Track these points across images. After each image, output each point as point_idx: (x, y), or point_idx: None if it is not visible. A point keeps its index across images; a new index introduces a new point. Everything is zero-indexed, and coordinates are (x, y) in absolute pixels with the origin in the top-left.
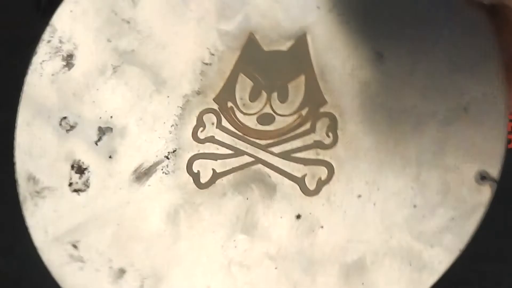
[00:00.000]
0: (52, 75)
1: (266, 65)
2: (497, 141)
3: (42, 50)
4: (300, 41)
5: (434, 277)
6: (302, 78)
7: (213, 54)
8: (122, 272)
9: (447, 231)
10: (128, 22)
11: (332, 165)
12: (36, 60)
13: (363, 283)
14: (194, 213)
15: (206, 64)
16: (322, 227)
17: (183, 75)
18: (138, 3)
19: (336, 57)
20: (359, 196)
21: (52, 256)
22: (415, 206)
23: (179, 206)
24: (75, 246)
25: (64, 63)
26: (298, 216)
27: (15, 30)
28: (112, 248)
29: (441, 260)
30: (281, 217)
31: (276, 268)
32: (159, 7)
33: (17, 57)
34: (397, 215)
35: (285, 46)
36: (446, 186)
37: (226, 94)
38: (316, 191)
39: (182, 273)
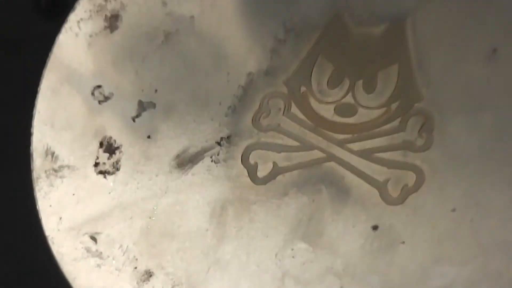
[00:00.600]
0: (90, 36)
1: (352, 48)
2: None
3: (82, 7)
4: (398, 25)
5: None
6: (395, 67)
7: (289, 30)
8: (149, 274)
9: None
10: None
11: (423, 171)
12: (73, 17)
13: None
14: (245, 212)
15: (280, 40)
16: (403, 242)
17: (250, 51)
18: None
19: (440, 47)
20: (453, 210)
21: (65, 248)
22: None
23: (227, 202)
24: (94, 239)
25: (107, 24)
26: (375, 227)
27: (15, 30)
28: (140, 245)
29: None
30: (353, 227)
31: (341, 287)
32: None
33: (17, 57)
34: (497, 236)
35: (378, 28)
36: None
37: (300, 77)
38: (400, 200)
39: (223, 282)
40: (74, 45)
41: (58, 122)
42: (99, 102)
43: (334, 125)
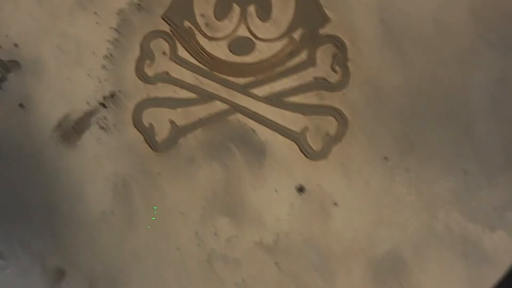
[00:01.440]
0: None
1: None
2: None
3: None
4: None
5: (497, 275)
6: None
7: None
8: (61, 273)
9: None
10: None
11: (343, 114)
12: None
13: (400, 286)
14: (151, 187)
15: None
16: (336, 204)
17: None
18: None
19: None
20: (386, 159)
21: None
22: (466, 172)
23: (128, 177)
24: None
25: None
26: (301, 189)
27: None
28: (43, 240)
29: (507, 248)
30: (276, 190)
31: (276, 264)
32: None
33: None
34: (441, 185)
35: None
36: (510, 141)
37: (181, 9)
38: (324, 153)
39: (145, 274)
40: None
41: None
42: None
43: (231, 66)
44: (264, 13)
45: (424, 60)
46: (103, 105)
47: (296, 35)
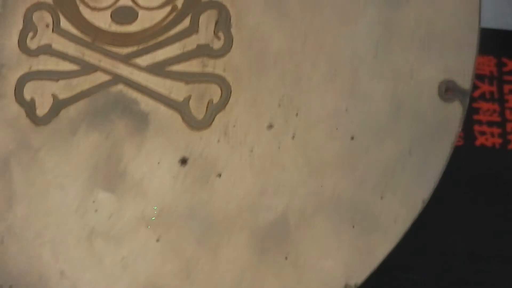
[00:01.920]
0: None
1: None
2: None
3: None
4: None
5: (388, 245)
6: None
7: None
8: None
9: (403, 172)
10: None
11: (227, 81)
12: None
13: (286, 257)
14: (31, 161)
15: None
16: (219, 175)
17: None
18: None
19: None
20: (270, 126)
21: None
22: (353, 137)
23: (9, 152)
24: None
25: None
26: (183, 161)
27: None
28: None
29: (397, 216)
30: (158, 163)
31: (158, 240)
32: None
33: None
34: (327, 151)
35: None
36: (397, 100)
37: None
38: (207, 121)
39: (21, 251)
40: None
41: None
42: None
43: (113, 36)
44: None
45: (307, 21)
46: None
47: (179, 2)
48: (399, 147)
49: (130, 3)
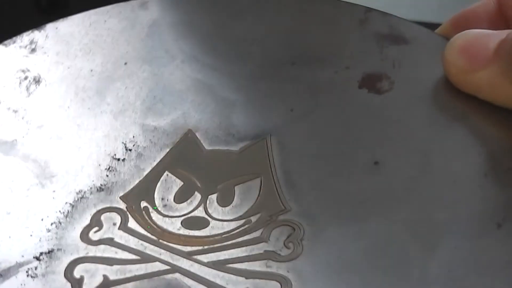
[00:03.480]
0: None
1: (205, 165)
2: None
3: None
4: (259, 142)
5: None
6: (256, 181)
7: (129, 150)
8: None
9: None
10: (15, 111)
11: (289, 280)
12: None
13: None
14: None
15: (117, 159)
16: None
17: (82, 169)
18: (33, 92)
19: (308, 162)
20: None
21: None
22: None
23: None
24: None
25: None
26: None
27: (15, 30)
28: None
29: None
30: None
31: None
32: (60, 98)
33: None
34: None
35: (236, 146)
36: None
37: (141, 192)
38: None
39: None
40: None
41: None
42: None
43: (180, 237)
44: (225, 202)
45: None
46: (38, 258)
47: (254, 218)
48: None
49: (204, 214)
